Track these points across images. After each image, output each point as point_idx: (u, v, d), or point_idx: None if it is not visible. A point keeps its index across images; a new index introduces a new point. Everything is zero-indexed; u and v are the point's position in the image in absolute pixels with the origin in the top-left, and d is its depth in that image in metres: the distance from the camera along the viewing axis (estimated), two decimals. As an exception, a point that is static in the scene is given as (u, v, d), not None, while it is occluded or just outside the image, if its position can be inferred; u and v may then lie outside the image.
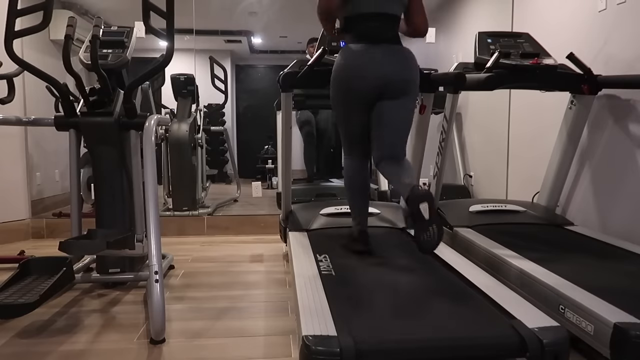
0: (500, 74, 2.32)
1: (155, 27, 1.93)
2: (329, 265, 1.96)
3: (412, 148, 2.68)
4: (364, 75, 1.97)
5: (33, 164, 3.71)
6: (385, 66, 1.97)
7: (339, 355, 1.21)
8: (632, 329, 1.34)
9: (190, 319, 1.96)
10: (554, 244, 2.30)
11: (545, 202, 2.83)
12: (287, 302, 2.13)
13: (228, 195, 4.73)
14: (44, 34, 2.95)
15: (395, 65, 1.98)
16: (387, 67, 1.97)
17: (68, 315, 1.99)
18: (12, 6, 1.93)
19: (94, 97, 2.21)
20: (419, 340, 1.31)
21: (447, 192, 3.33)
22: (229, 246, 3.26)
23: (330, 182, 4.58)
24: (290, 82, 2.39)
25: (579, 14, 2.81)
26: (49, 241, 3.39)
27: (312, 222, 2.63)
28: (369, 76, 1.97)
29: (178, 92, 4.22)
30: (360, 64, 1.97)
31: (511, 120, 3.65)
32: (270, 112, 4.60)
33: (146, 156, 2.01)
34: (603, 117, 2.62)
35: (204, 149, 4.47)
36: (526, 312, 1.43)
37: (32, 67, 2.05)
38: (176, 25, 1.92)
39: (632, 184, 2.40)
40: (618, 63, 2.50)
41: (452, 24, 4.60)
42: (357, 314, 1.46)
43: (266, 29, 6.04)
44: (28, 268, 1.99)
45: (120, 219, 2.28)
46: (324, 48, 2.25)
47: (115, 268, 2.29)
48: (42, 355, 1.64)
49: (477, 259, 2.24)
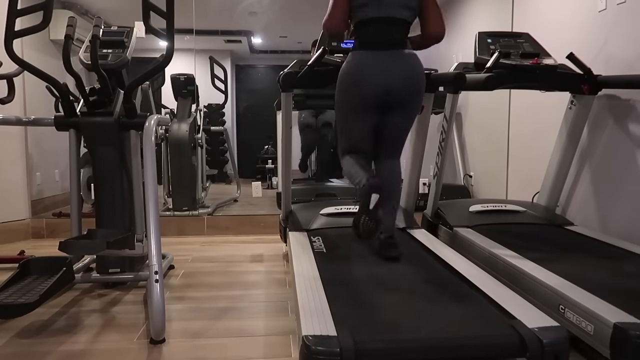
0: (500, 74, 2.32)
1: (155, 27, 1.93)
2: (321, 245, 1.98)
3: (412, 148, 2.68)
4: (369, 83, 1.97)
5: (33, 164, 3.71)
6: (390, 75, 1.96)
7: (339, 355, 1.21)
8: (632, 329, 1.34)
9: (190, 319, 1.96)
10: (554, 244, 2.30)
11: (545, 202, 2.83)
12: (287, 302, 2.13)
13: (228, 195, 4.73)
14: (44, 34, 2.95)
15: (401, 74, 1.98)
16: (393, 76, 1.97)
17: (68, 315, 1.99)
18: (12, 6, 1.93)
19: (94, 97, 2.21)
20: (419, 340, 1.31)
21: (447, 192, 3.34)
22: (229, 246, 3.26)
23: (330, 182, 4.58)
24: (290, 82, 2.39)
25: (579, 14, 2.81)
26: (49, 241, 3.39)
27: (312, 222, 2.63)
28: (375, 84, 1.97)
29: (178, 92, 4.22)
30: (366, 72, 1.98)
31: (511, 120, 3.65)
32: (270, 112, 4.61)
33: (146, 156, 2.01)
34: (603, 117, 2.62)
35: (204, 149, 4.47)
36: (526, 312, 1.43)
37: (32, 67, 2.05)
38: (176, 25, 1.92)
39: (632, 184, 2.40)
40: (618, 63, 2.50)
41: (452, 24, 4.59)
42: (357, 314, 1.46)
43: (266, 29, 6.04)
44: (28, 268, 1.99)
45: (120, 219, 2.28)
46: (324, 48, 2.25)
47: (115, 268, 2.29)
48: (42, 355, 1.64)
49: (477, 259, 2.24)
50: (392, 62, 1.97)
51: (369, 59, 1.99)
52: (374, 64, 1.97)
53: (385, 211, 2.06)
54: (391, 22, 1.98)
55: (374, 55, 1.98)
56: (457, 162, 4.39)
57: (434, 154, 2.83)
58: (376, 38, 1.99)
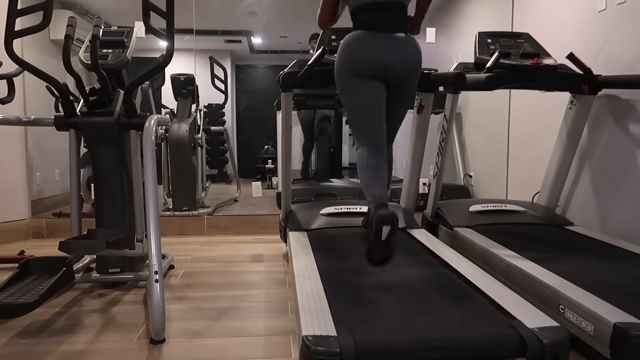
0: (500, 74, 2.32)
1: (155, 27, 1.93)
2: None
3: (412, 148, 2.68)
4: (369, 56, 1.95)
5: (33, 164, 3.71)
6: (390, 54, 1.94)
7: (339, 355, 1.21)
8: (632, 329, 1.34)
9: (190, 319, 1.96)
10: (554, 244, 2.30)
11: (545, 202, 2.83)
12: (287, 302, 2.13)
13: (228, 195, 4.73)
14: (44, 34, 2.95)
15: (401, 54, 1.97)
16: (392, 55, 1.95)
17: (68, 315, 1.99)
18: (12, 6, 1.93)
19: (94, 97, 2.21)
20: (418, 340, 1.31)
21: (447, 192, 3.34)
22: (229, 246, 3.26)
23: (330, 182, 4.58)
24: (290, 82, 2.39)
25: (579, 14, 2.81)
26: (49, 241, 3.39)
27: (312, 222, 2.63)
28: (375, 59, 1.94)
29: (178, 92, 4.21)
30: (366, 46, 1.96)
31: (511, 120, 3.65)
32: (270, 112, 4.61)
33: (146, 156, 2.01)
34: (603, 117, 2.62)
35: (204, 149, 4.47)
36: (526, 312, 1.43)
37: (32, 67, 2.05)
38: (176, 25, 1.92)
39: (632, 184, 2.40)
40: (618, 63, 2.50)
41: (452, 24, 4.59)
42: (357, 314, 1.46)
43: (266, 29, 6.04)
44: (28, 268, 1.99)
45: (120, 219, 2.28)
46: (324, 48, 2.25)
47: (115, 268, 2.29)
48: (42, 355, 1.64)
49: (477, 259, 2.24)
50: (391, 43, 1.96)
51: (367, 37, 1.97)
52: (374, 42, 1.96)
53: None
54: (386, 5, 1.97)
55: (373, 35, 1.97)
56: (457, 162, 4.39)
57: (434, 154, 2.83)
58: (374, 21, 1.98)
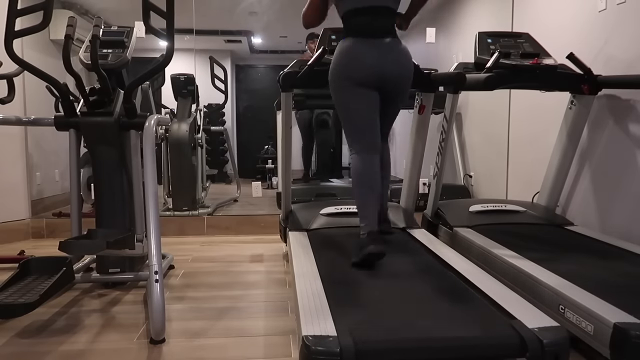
0: (500, 74, 2.32)
1: (155, 27, 1.93)
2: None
3: (412, 148, 2.68)
4: (362, 64, 1.99)
5: (33, 164, 3.71)
6: (382, 62, 1.98)
7: (339, 355, 1.20)
8: (632, 329, 1.34)
9: (190, 319, 1.96)
10: (554, 244, 2.30)
11: (545, 202, 2.82)
12: (287, 302, 2.13)
13: (228, 195, 4.73)
14: (44, 34, 2.96)
15: (392, 61, 2.01)
16: (385, 63, 1.99)
17: (68, 315, 1.99)
18: (12, 6, 1.93)
19: (94, 97, 2.21)
20: (419, 340, 1.31)
21: (447, 192, 3.34)
22: (229, 246, 3.26)
23: (330, 182, 4.58)
24: (290, 82, 2.39)
25: (579, 14, 2.81)
26: (49, 241, 3.39)
27: (312, 222, 2.63)
28: (367, 66, 1.99)
29: (178, 92, 4.22)
30: (358, 54, 1.99)
31: (511, 120, 3.65)
32: (270, 112, 4.60)
33: (146, 156, 2.01)
34: (603, 117, 2.62)
35: (204, 149, 4.47)
36: (526, 312, 1.43)
37: (32, 67, 2.05)
38: (176, 25, 1.92)
39: (632, 184, 2.40)
40: (618, 63, 2.50)
41: (452, 24, 4.59)
42: (357, 314, 1.46)
43: (266, 29, 6.04)
44: (28, 268, 1.99)
45: (120, 219, 2.28)
46: (324, 48, 2.25)
47: (115, 268, 2.29)
48: (42, 355, 1.64)
49: (477, 259, 2.24)
50: (382, 50, 2.00)
51: (359, 45, 2.01)
52: (367, 50, 2.00)
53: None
54: (375, 11, 2.00)
55: (364, 41, 2.01)
56: (457, 162, 4.39)
57: (434, 154, 2.83)
58: (364, 27, 2.01)
